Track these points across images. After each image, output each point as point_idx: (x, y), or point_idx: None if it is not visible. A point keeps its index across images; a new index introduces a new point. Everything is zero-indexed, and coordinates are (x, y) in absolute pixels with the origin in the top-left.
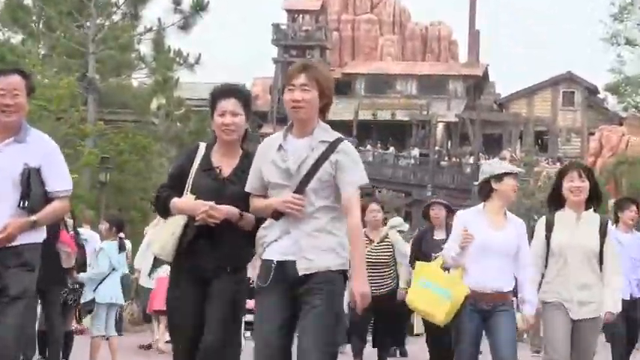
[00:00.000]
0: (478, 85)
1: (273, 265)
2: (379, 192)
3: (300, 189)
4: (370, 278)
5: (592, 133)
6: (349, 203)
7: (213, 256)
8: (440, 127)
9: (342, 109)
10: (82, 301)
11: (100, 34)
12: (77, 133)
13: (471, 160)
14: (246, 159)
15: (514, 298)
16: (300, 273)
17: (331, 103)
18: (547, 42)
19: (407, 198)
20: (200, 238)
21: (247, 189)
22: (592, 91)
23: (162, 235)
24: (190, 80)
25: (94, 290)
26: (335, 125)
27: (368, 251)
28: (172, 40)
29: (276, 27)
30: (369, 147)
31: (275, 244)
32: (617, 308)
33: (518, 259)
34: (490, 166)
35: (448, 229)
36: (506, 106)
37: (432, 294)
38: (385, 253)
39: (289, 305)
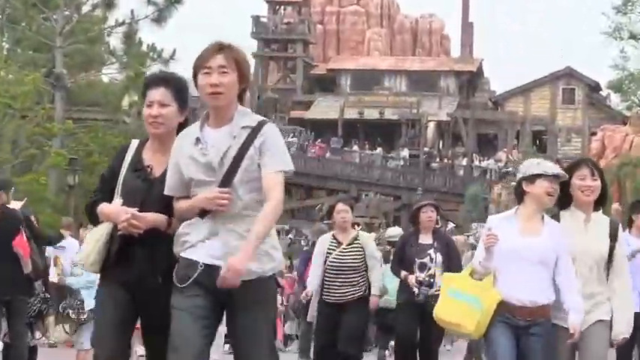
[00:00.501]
0: (472, 81)
1: (200, 267)
2: (366, 195)
3: (225, 183)
4: (338, 285)
5: (594, 133)
6: (268, 187)
7: (144, 266)
8: (431, 126)
9: (326, 107)
10: (86, 309)
11: (68, 27)
12: (43, 133)
13: (464, 161)
14: None
15: None
16: None
17: (248, 87)
18: (545, 35)
19: (396, 202)
20: (130, 246)
21: (167, 192)
22: (593, 88)
23: (86, 244)
24: None
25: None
26: (319, 124)
27: (335, 255)
28: (145, 33)
29: (256, 19)
30: (355, 147)
31: (201, 245)
32: (630, 330)
33: (558, 268)
34: (525, 165)
35: (436, 234)
36: (502, 104)
37: (460, 303)
38: (355, 258)
39: (213, 313)
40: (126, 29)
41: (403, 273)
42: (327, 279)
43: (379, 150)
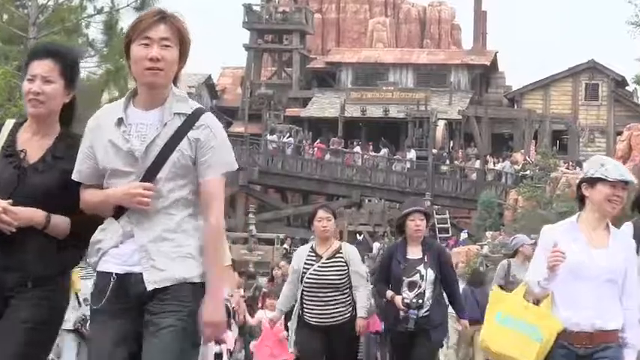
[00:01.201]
0: (485, 76)
1: (112, 279)
2: (369, 201)
3: (148, 177)
4: (318, 306)
5: (619, 133)
6: (208, 195)
7: (10, 268)
8: (440, 125)
9: (325, 105)
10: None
11: (42, 17)
12: None
13: (477, 164)
14: (64, 140)
15: None
16: (149, 287)
17: (184, 66)
18: (566, 25)
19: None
20: None
21: (75, 177)
22: (619, 83)
23: None
24: None
25: None
26: (317, 123)
27: (314, 271)
28: (127, 23)
29: (249, 8)
30: (357, 149)
31: (114, 252)
32: None
33: (624, 287)
34: (588, 164)
35: (426, 246)
36: (519, 101)
37: (513, 333)
38: (337, 274)
39: (134, 334)
40: (106, 18)
41: (389, 293)
42: (305, 299)
43: (383, 151)
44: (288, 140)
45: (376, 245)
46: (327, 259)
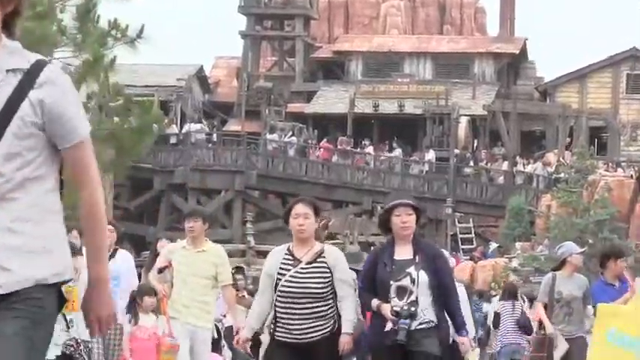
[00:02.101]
0: (513, 66)
1: None
2: (382, 208)
3: None
4: (295, 319)
5: None
6: (75, 167)
7: None
8: (463, 122)
9: (332, 99)
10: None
11: None
12: None
13: (505, 165)
14: None
15: None
16: None
17: (21, 14)
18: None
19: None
20: None
21: None
22: None
23: None
24: (132, 62)
25: None
26: (323, 120)
27: (290, 277)
28: (107, 7)
29: None
30: (368, 149)
31: None
32: None
33: None
34: None
35: (417, 245)
36: (552, 94)
37: (630, 356)
38: (318, 281)
39: None
40: (82, 2)
41: (375, 302)
42: (279, 312)
43: (398, 152)
44: (290, 140)
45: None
46: (307, 263)
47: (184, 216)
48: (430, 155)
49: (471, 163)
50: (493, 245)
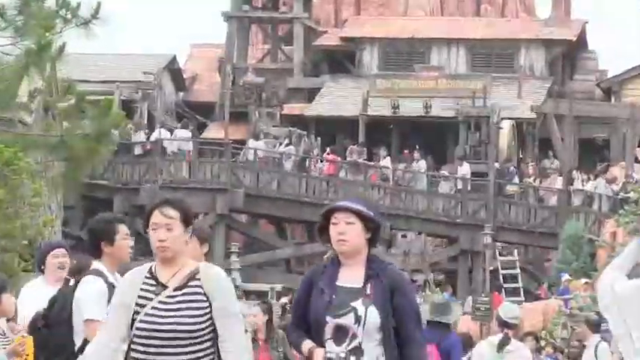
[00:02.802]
0: (569, 56)
1: None
2: (403, 236)
3: None
4: None
5: None
6: None
7: None
8: (506, 127)
9: (340, 98)
10: None
11: None
12: None
13: (559, 182)
14: None
15: None
16: None
17: None
18: None
19: (450, 247)
20: None
21: None
22: None
23: None
24: (86, 50)
25: None
26: (329, 124)
27: (154, 308)
28: None
29: None
30: (385, 161)
31: None
32: None
33: None
34: None
35: (371, 267)
36: (617, 92)
37: None
38: (189, 314)
39: None
40: None
41: (307, 344)
42: (135, 358)
43: (423, 165)
44: (286, 150)
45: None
46: (176, 289)
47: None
48: (464, 169)
49: (516, 180)
50: (565, 276)
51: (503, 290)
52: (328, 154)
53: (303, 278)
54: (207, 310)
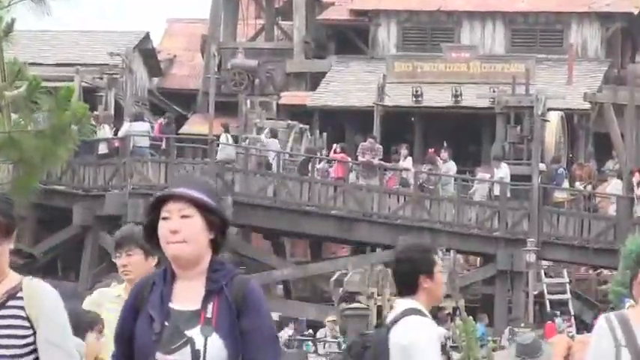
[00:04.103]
0: (630, 33)
1: None
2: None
3: None
4: None
5: None
6: None
7: None
8: (553, 120)
9: (351, 84)
10: None
11: None
12: None
13: (618, 187)
14: None
15: None
16: None
17: None
18: None
19: (486, 267)
20: None
21: None
22: None
23: None
24: (40, 27)
25: None
26: (337, 116)
27: None
28: None
29: None
30: (406, 162)
31: None
32: None
33: None
34: None
35: (213, 282)
36: None
37: None
38: (3, 345)
39: None
40: None
41: None
42: None
43: (451, 166)
44: (269, 142)
45: (440, 332)
46: None
47: (114, 246)
48: (502, 172)
49: (566, 184)
50: (628, 302)
51: (555, 319)
52: (336, 152)
53: (127, 300)
54: (30, 340)
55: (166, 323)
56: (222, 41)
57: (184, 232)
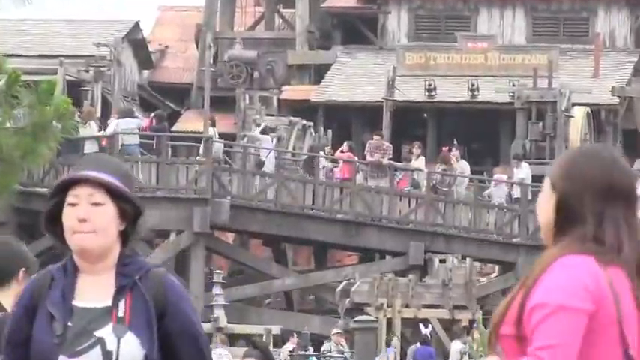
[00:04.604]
0: None
1: None
2: (442, 262)
3: None
4: None
5: None
6: None
7: None
8: (579, 115)
9: (358, 78)
10: None
11: None
12: None
13: None
14: None
15: None
16: None
17: None
18: None
19: (504, 275)
20: None
21: None
22: None
23: None
24: (20, 16)
25: None
26: (342, 112)
27: None
28: None
29: None
30: (418, 162)
31: None
32: None
33: None
34: None
35: (126, 275)
36: None
37: None
38: None
39: None
40: None
41: None
42: None
43: (463, 165)
44: (262, 138)
45: (455, 347)
46: None
47: None
48: (522, 172)
49: None
50: None
51: None
52: (342, 151)
53: (21, 295)
54: None
55: (70, 323)
56: (218, 31)
57: (94, 221)
